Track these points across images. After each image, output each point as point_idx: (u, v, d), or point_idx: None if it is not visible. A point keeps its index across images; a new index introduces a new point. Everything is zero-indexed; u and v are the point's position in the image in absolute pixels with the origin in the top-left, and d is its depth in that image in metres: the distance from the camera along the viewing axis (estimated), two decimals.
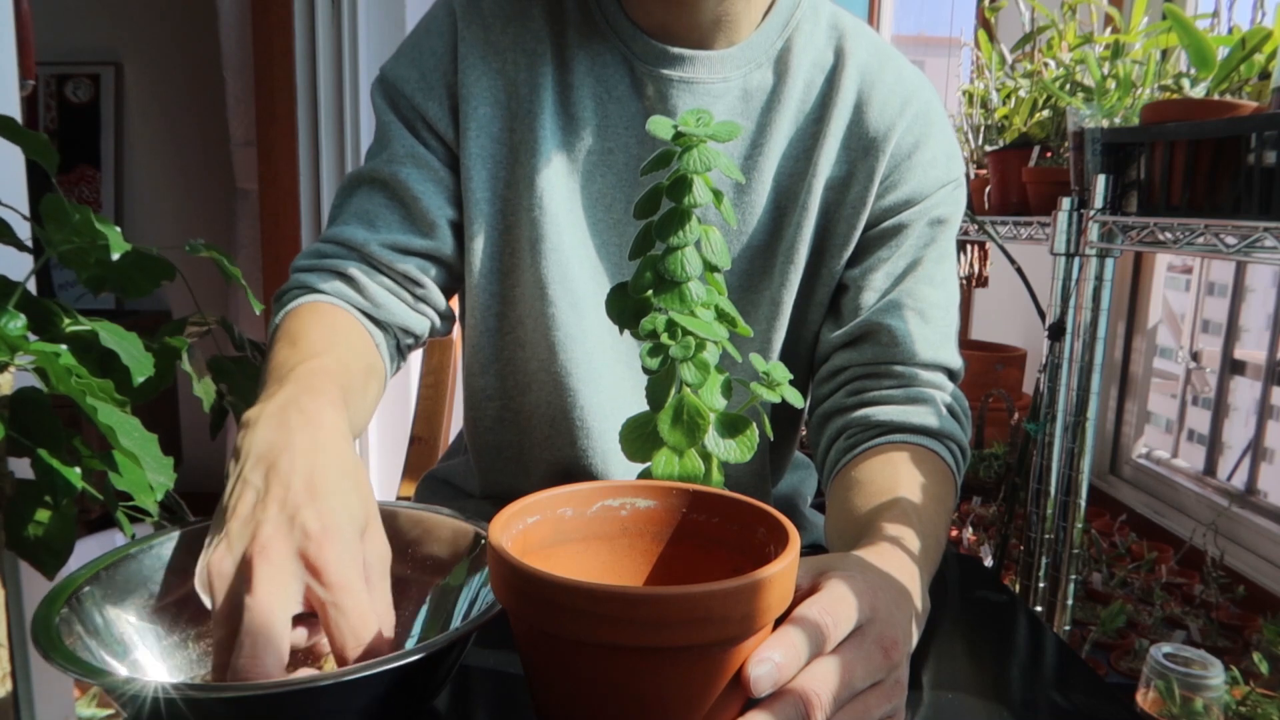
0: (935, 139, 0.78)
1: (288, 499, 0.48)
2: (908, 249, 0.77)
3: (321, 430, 0.53)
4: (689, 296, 0.55)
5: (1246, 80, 1.09)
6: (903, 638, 0.47)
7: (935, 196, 0.78)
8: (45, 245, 0.54)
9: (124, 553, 0.54)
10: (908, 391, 0.75)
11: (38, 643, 0.44)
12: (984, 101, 1.71)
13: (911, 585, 0.54)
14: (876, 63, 0.78)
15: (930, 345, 0.75)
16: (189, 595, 0.55)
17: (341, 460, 0.52)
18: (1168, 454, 1.90)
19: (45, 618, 0.46)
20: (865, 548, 0.57)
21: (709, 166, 0.54)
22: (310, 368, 0.60)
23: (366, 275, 0.75)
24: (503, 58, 0.77)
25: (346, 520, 0.48)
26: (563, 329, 0.76)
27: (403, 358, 0.81)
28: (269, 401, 0.55)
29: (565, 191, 0.76)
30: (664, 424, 0.54)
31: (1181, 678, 0.87)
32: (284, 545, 0.46)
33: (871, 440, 0.73)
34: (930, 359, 0.75)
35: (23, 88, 0.81)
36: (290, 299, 0.74)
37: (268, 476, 0.49)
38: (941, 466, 0.71)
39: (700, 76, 0.76)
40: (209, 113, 2.82)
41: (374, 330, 0.75)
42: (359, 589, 0.46)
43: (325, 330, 0.68)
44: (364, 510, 0.50)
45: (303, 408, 0.54)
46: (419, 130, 0.78)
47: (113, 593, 0.52)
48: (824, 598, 0.44)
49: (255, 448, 0.51)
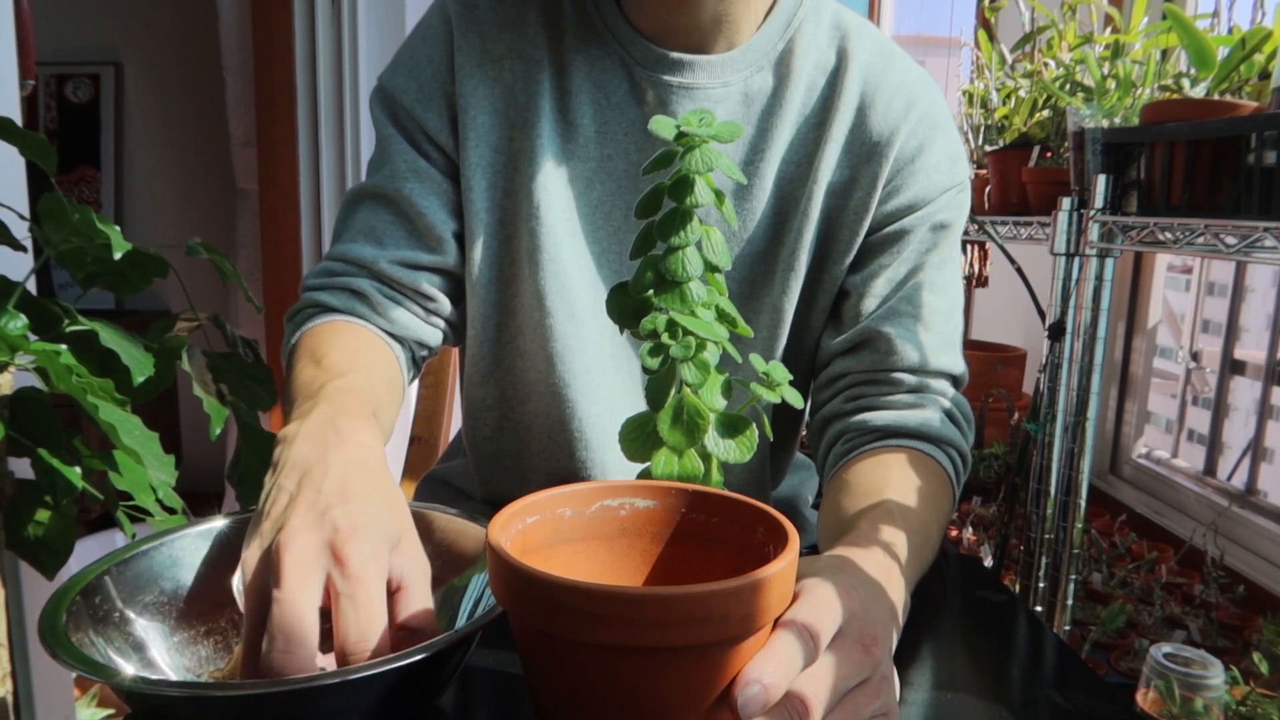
0: (939, 143, 0.77)
1: (319, 500, 0.49)
2: (909, 255, 0.76)
3: (358, 449, 0.54)
4: (690, 296, 0.55)
5: (1246, 80, 1.09)
6: (882, 634, 0.47)
7: (938, 201, 0.76)
8: (44, 245, 0.54)
9: (133, 550, 0.54)
10: (907, 398, 0.74)
11: (44, 640, 0.44)
12: (984, 101, 1.71)
13: (887, 581, 0.53)
14: (880, 64, 0.77)
15: (931, 352, 0.75)
16: (197, 593, 0.55)
17: (375, 476, 0.53)
18: (1168, 454, 1.90)
19: (52, 615, 0.46)
20: (842, 546, 0.57)
21: (711, 167, 0.54)
22: (339, 386, 0.61)
23: (378, 292, 0.75)
24: (499, 65, 0.76)
25: (375, 525, 0.48)
26: (560, 340, 0.76)
27: (418, 369, 0.81)
28: (304, 420, 0.56)
29: (563, 201, 0.76)
30: (664, 424, 0.54)
31: (1181, 678, 0.87)
32: (312, 537, 0.46)
33: (868, 444, 0.73)
34: (931, 366, 0.75)
35: (23, 88, 0.81)
36: (305, 318, 0.75)
37: (301, 482, 0.50)
38: (937, 469, 0.71)
39: (700, 81, 0.75)
40: (209, 113, 2.82)
41: (393, 345, 0.76)
42: (376, 588, 0.46)
43: (348, 348, 0.70)
44: (396, 523, 0.50)
45: (339, 428, 0.55)
46: (419, 142, 0.77)
47: (121, 590, 0.52)
48: (805, 604, 0.44)
49: (291, 460, 0.52)
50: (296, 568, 0.45)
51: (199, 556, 0.57)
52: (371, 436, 0.57)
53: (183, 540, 0.56)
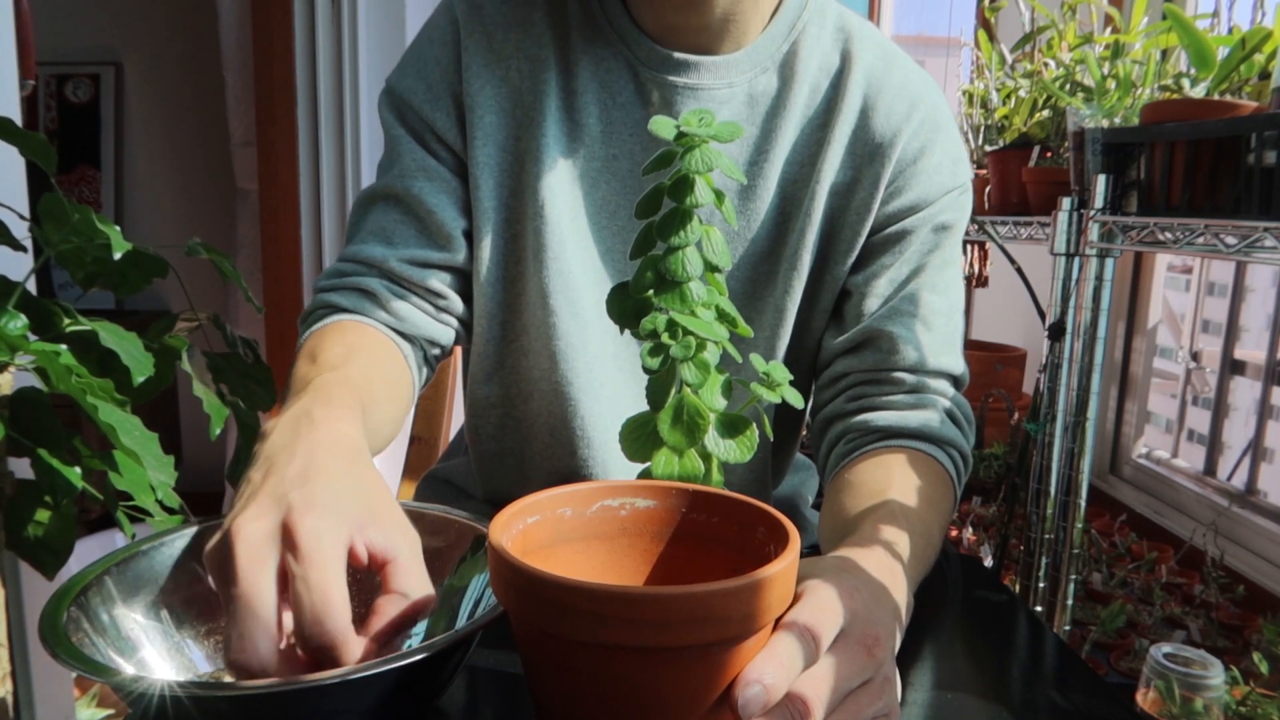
0: (941, 144, 0.77)
1: (279, 485, 0.47)
2: (911, 255, 0.77)
3: (329, 434, 0.53)
4: (690, 296, 0.55)
5: (1246, 80, 1.09)
6: (885, 635, 0.47)
7: (940, 202, 0.77)
8: (44, 245, 0.54)
9: (134, 550, 0.54)
10: (908, 398, 0.75)
11: (45, 640, 0.44)
12: (984, 101, 1.71)
13: (891, 582, 0.53)
14: (883, 66, 0.77)
15: (933, 352, 0.75)
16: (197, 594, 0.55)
17: (344, 458, 0.51)
18: (1168, 454, 1.89)
19: (53, 615, 0.46)
20: (845, 547, 0.57)
21: (711, 167, 0.54)
22: (326, 380, 0.60)
23: (389, 290, 0.75)
24: (506, 65, 0.76)
25: (335, 503, 0.47)
26: (564, 339, 0.76)
27: (431, 368, 0.81)
28: (284, 415, 0.55)
29: (569, 200, 0.76)
30: (664, 424, 0.54)
31: (1181, 678, 0.87)
32: (263, 522, 0.45)
33: (870, 445, 0.73)
34: (932, 366, 0.75)
35: (23, 88, 0.81)
36: (315, 319, 0.75)
37: (267, 472, 0.49)
38: (938, 469, 0.71)
39: (705, 82, 0.76)
40: (209, 113, 2.82)
41: (401, 343, 0.75)
42: (331, 566, 0.44)
43: (345, 344, 0.69)
44: (364, 500, 0.49)
45: (313, 417, 0.54)
46: (428, 142, 0.77)
47: (121, 590, 0.52)
48: (807, 605, 0.44)
49: (264, 452, 0.51)
50: (246, 556, 0.44)
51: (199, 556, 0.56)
52: (351, 425, 0.55)
53: (182, 540, 0.56)
